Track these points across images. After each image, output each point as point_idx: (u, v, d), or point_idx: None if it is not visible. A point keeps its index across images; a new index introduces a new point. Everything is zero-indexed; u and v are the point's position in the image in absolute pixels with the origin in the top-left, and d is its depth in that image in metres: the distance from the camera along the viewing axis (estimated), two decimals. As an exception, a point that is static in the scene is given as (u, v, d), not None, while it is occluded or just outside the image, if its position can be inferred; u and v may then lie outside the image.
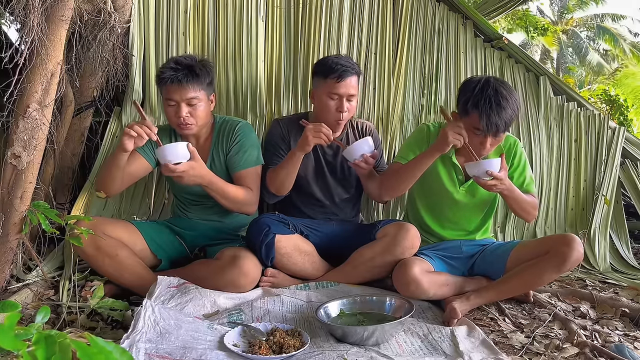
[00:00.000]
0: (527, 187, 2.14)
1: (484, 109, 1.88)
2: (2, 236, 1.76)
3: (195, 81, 2.03)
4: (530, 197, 2.10)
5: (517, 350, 1.70)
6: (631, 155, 3.15)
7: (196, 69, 2.04)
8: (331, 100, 2.18)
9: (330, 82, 2.16)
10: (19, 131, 1.73)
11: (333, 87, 2.15)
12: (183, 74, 2.00)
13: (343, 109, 2.17)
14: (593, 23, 18.98)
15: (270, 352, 1.50)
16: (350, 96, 2.18)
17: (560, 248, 1.89)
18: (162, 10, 2.59)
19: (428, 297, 1.96)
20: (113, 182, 2.02)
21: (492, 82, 1.94)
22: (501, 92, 1.90)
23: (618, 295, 2.25)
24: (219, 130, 2.19)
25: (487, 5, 3.85)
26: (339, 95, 2.16)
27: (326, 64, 2.20)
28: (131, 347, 1.41)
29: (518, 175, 2.14)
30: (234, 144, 2.15)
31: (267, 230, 1.99)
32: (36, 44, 1.74)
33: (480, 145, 1.97)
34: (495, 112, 1.87)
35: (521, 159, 2.16)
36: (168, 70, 2.02)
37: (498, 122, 1.88)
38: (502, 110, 1.88)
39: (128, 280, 2.00)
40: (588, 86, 13.70)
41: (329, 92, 2.17)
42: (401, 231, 2.02)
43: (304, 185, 2.31)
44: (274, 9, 2.72)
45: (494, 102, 1.88)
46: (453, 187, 2.15)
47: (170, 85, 2.02)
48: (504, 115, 1.88)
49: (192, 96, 2.03)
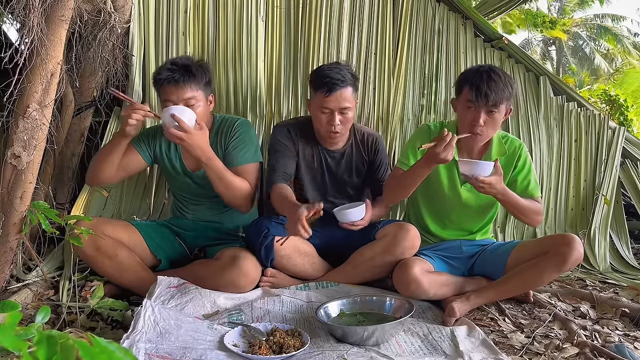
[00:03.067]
0: (531, 191, 2.12)
1: (474, 81, 1.96)
2: (2, 236, 1.76)
3: (192, 81, 2.02)
4: (533, 203, 2.07)
5: (517, 350, 1.70)
6: (631, 155, 3.15)
7: (192, 68, 2.03)
8: (322, 113, 2.11)
9: (320, 95, 2.08)
10: (19, 131, 1.73)
11: (323, 100, 2.08)
12: (179, 74, 1.99)
13: (334, 122, 2.09)
14: (594, 23, 18.99)
15: (270, 352, 1.50)
16: (342, 109, 2.09)
17: (560, 248, 1.89)
18: (162, 10, 2.59)
19: (428, 297, 1.96)
20: (107, 170, 2.05)
21: (488, 65, 2.07)
22: (494, 69, 1.99)
23: (618, 295, 2.25)
24: (218, 128, 2.18)
25: (487, 5, 3.85)
26: (329, 110, 2.09)
27: (317, 76, 2.11)
28: (131, 347, 1.41)
29: (522, 179, 2.12)
30: (232, 140, 2.14)
31: (266, 232, 1.99)
32: (36, 44, 1.74)
33: (473, 121, 1.97)
34: (485, 83, 1.93)
35: (526, 162, 2.13)
36: (164, 71, 2.01)
37: (487, 92, 1.92)
38: (492, 82, 1.93)
39: (128, 280, 2.00)
40: (588, 86, 13.70)
41: (320, 105, 2.10)
42: (401, 231, 2.02)
43: (304, 194, 2.28)
44: (274, 9, 2.72)
45: (485, 76, 1.95)
46: (455, 186, 2.15)
47: (167, 86, 2.01)
48: (493, 87, 1.92)
49: (189, 96, 2.01)
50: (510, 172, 2.11)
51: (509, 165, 2.11)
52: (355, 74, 2.19)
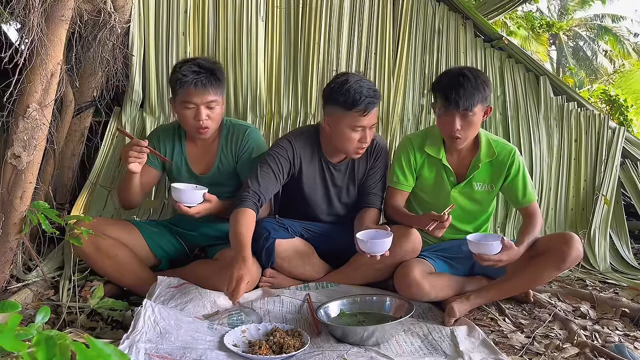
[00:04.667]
0: (529, 197, 2.11)
1: (444, 88, 1.95)
2: (2, 236, 1.76)
3: (216, 85, 2.02)
4: (535, 228, 2.04)
5: (517, 350, 1.70)
6: (631, 155, 3.15)
7: (217, 72, 2.03)
8: (354, 132, 2.00)
9: (355, 115, 1.95)
10: (19, 131, 1.73)
11: (357, 120, 1.96)
12: (206, 78, 1.98)
13: (366, 139, 2.02)
14: (594, 23, 18.98)
15: (270, 352, 1.50)
16: (373, 125, 2.03)
17: (559, 247, 1.90)
18: (162, 10, 2.59)
19: (430, 299, 1.96)
20: (134, 198, 2.09)
21: (458, 67, 2.06)
22: (464, 73, 1.96)
23: (618, 295, 2.25)
24: (227, 133, 2.17)
25: (487, 5, 3.85)
26: (363, 127, 1.99)
27: (348, 95, 1.94)
28: (131, 347, 1.41)
29: (516, 187, 2.11)
30: (244, 151, 2.15)
31: (267, 235, 1.98)
32: (36, 44, 1.74)
33: (449, 126, 1.97)
34: (453, 90, 1.92)
35: (519, 168, 2.11)
36: (190, 73, 1.98)
37: (457, 99, 1.91)
38: (461, 88, 1.92)
39: (128, 280, 2.01)
40: (588, 86, 13.69)
41: (353, 124, 1.98)
42: (403, 235, 2.01)
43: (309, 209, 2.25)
44: (274, 9, 2.72)
45: (454, 81, 1.94)
46: (446, 190, 2.15)
47: (193, 89, 1.98)
48: (462, 93, 1.91)
49: (212, 99, 2.01)
50: (503, 178, 2.11)
51: (501, 170, 2.11)
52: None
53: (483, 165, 2.09)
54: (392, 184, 2.16)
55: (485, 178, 2.12)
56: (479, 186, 2.13)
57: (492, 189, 2.14)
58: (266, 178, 2.02)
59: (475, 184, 2.12)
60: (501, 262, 1.87)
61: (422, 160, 2.14)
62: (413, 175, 2.16)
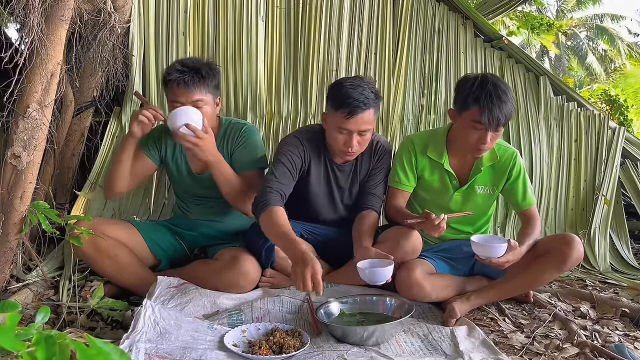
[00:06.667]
0: (528, 200, 2.11)
1: (485, 102, 1.87)
2: (2, 236, 1.76)
3: (201, 83, 2.02)
4: (534, 231, 2.04)
5: (517, 350, 1.70)
6: (631, 155, 3.15)
7: (202, 71, 2.03)
8: (340, 133, 1.97)
9: (340, 115, 1.92)
10: (19, 131, 1.73)
11: (342, 122, 1.93)
12: (189, 76, 1.99)
13: (351, 144, 1.97)
14: (592, 23, 18.98)
15: (270, 352, 1.50)
16: (362, 131, 1.96)
17: (560, 248, 1.90)
18: (162, 10, 2.59)
19: (430, 300, 1.96)
20: (121, 178, 2.05)
21: (490, 77, 1.95)
22: (500, 86, 1.91)
23: (618, 295, 2.25)
24: (225, 132, 2.17)
25: (487, 5, 3.85)
26: (347, 131, 1.95)
27: (338, 93, 1.94)
28: (131, 347, 1.41)
29: (517, 190, 2.11)
30: (239, 146, 2.14)
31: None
32: (36, 44, 1.74)
33: (479, 140, 1.93)
34: (496, 105, 1.86)
35: (520, 171, 2.11)
36: (174, 72, 2.00)
37: (499, 116, 1.87)
38: (502, 104, 1.87)
39: (128, 280, 2.00)
40: (587, 86, 13.69)
41: (338, 125, 1.95)
42: (403, 235, 2.01)
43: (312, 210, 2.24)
44: (274, 9, 2.72)
45: (495, 96, 1.87)
46: (448, 193, 2.14)
47: (176, 88, 2.00)
48: (504, 109, 1.87)
49: (198, 98, 2.01)
50: (504, 181, 2.11)
51: (502, 173, 2.10)
52: (377, 92, 2.01)
53: (485, 168, 2.08)
54: (394, 184, 2.15)
55: (487, 181, 2.12)
56: (481, 189, 2.12)
57: (493, 192, 2.14)
58: (284, 174, 2.01)
59: (477, 187, 2.11)
60: (508, 262, 1.85)
61: (423, 163, 2.13)
62: (414, 175, 2.15)
